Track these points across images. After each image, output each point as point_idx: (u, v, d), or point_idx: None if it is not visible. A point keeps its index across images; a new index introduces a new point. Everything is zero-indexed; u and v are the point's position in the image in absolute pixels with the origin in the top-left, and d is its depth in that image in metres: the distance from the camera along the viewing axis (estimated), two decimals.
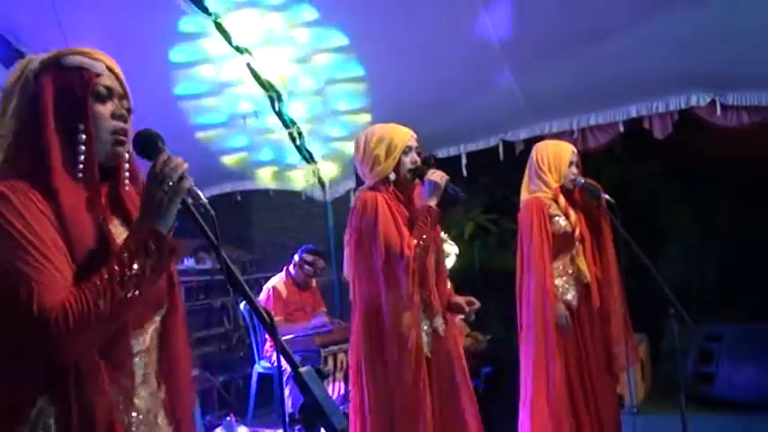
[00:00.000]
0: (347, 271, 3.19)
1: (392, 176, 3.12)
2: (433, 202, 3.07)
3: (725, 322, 6.15)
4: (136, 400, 1.53)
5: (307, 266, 5.64)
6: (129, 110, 1.60)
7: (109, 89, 1.57)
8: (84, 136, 1.51)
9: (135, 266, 1.39)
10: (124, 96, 1.61)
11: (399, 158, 3.11)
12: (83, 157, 1.50)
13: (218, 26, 4.61)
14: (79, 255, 1.43)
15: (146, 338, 1.57)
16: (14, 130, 1.49)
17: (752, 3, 3.95)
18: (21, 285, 1.34)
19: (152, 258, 1.42)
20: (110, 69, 1.58)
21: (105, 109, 1.55)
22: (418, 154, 3.18)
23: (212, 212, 1.45)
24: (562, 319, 3.73)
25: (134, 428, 1.52)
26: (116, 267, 1.39)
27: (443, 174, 3.12)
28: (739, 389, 5.33)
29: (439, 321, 3.14)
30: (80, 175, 1.49)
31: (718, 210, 7.77)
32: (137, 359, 1.54)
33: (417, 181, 3.14)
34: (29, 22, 4.44)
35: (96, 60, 1.57)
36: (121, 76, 1.61)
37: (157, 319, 1.60)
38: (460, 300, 3.29)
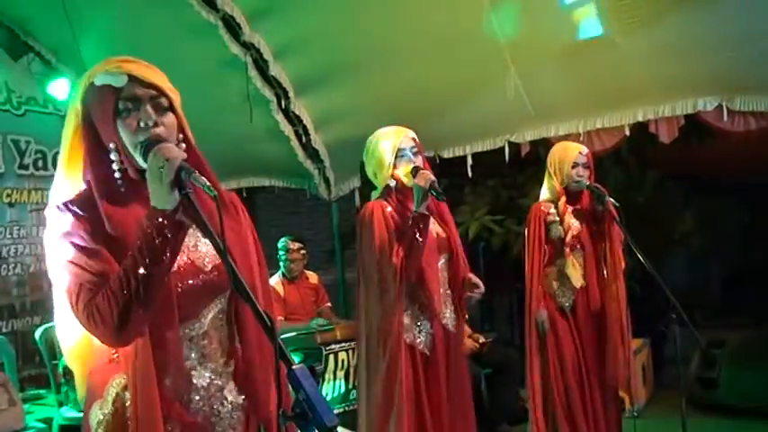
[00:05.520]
0: None
1: (392, 183, 3.11)
2: (421, 208, 2.97)
3: (728, 328, 6.13)
4: (194, 380, 1.66)
5: (285, 254, 5.64)
6: (167, 108, 1.63)
7: (134, 98, 1.59)
8: (116, 154, 1.60)
9: (144, 247, 1.50)
10: (160, 94, 1.62)
11: (395, 163, 3.08)
12: (118, 174, 1.62)
13: None
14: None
15: (203, 323, 1.69)
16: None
17: (761, 7, 3.93)
18: (70, 290, 1.55)
19: (159, 235, 1.50)
20: (135, 77, 1.59)
21: (130, 123, 1.58)
22: (415, 153, 3.10)
23: (215, 193, 1.49)
24: (540, 325, 3.84)
25: (193, 405, 1.66)
26: (132, 255, 1.51)
27: (429, 176, 2.97)
28: (741, 395, 5.32)
29: (449, 318, 3.16)
30: (122, 189, 1.62)
31: (724, 216, 7.76)
32: (192, 344, 1.67)
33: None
34: (37, 14, 4.45)
35: (120, 73, 1.58)
36: (152, 77, 1.61)
37: (218, 304, 1.72)
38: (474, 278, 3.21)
